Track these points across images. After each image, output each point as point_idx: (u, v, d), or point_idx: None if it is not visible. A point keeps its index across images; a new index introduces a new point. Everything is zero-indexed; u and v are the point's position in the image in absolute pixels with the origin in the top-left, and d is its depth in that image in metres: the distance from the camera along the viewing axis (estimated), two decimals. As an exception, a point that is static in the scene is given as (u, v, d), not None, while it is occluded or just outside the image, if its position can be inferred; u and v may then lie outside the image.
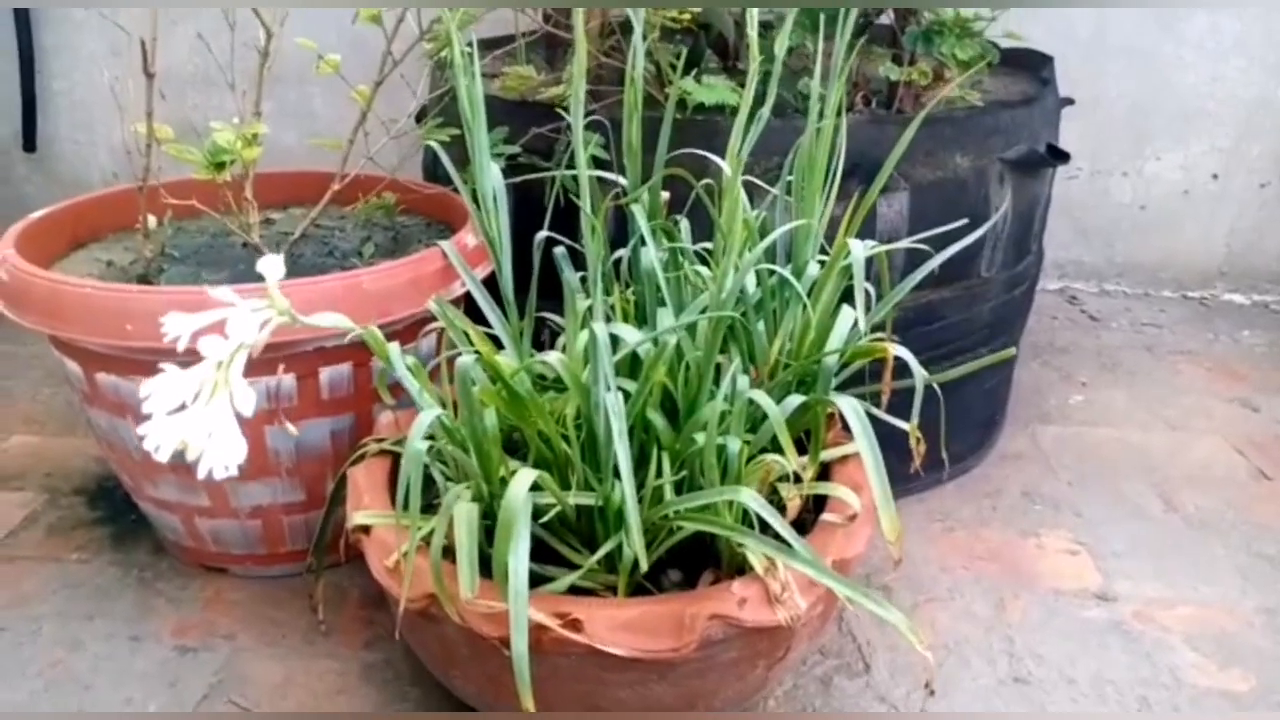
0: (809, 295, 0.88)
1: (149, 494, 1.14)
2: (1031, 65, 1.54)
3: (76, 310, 0.97)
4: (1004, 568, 1.25)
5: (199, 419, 0.51)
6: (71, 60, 2.05)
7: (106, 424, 1.10)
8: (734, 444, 0.81)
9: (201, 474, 0.52)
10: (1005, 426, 1.56)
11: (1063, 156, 1.32)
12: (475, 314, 0.99)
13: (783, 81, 1.37)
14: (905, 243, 1.01)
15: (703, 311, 0.86)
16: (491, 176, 0.92)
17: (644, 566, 0.76)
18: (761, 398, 0.78)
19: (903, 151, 1.21)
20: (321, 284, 1.01)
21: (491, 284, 0.99)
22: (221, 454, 0.51)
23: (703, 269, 0.87)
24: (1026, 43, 1.49)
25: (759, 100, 0.88)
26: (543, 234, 0.94)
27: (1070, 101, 1.50)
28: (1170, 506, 1.38)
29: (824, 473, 0.95)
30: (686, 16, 1.09)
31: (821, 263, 0.96)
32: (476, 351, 0.94)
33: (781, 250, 1.03)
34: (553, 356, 0.79)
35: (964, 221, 1.06)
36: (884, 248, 0.97)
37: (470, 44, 0.89)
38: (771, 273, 0.88)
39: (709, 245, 1.01)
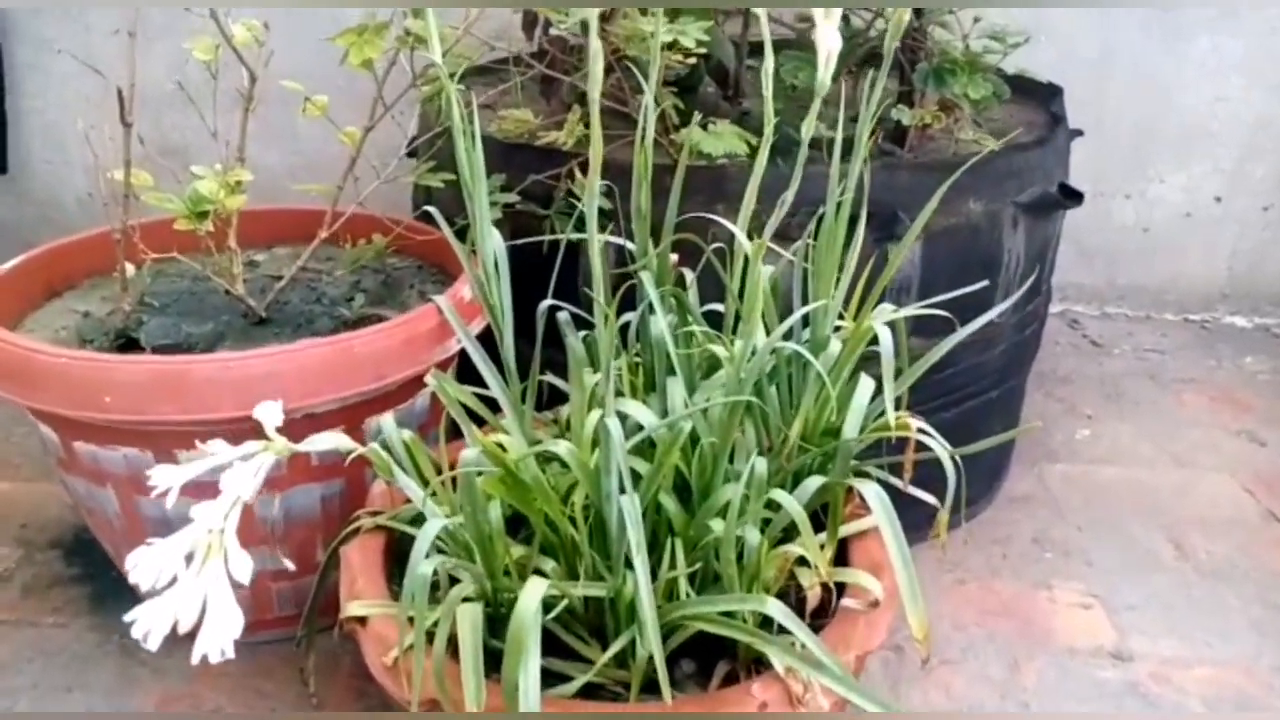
0: (829, 372, 0.84)
1: (130, 560, 1.09)
2: (1037, 92, 1.50)
3: (53, 381, 0.92)
4: (1017, 624, 1.21)
5: (191, 591, 0.46)
6: (44, 79, 1.98)
7: (85, 491, 1.04)
8: (753, 535, 0.77)
9: (195, 658, 0.47)
10: (1012, 464, 1.52)
11: (1076, 197, 1.28)
12: (472, 369, 0.94)
13: (789, 118, 1.33)
14: (915, 309, 0.96)
15: (720, 388, 0.81)
16: (493, 242, 0.87)
17: (660, 669, 0.72)
18: (783, 497, 0.74)
19: (914, 200, 1.18)
20: (313, 349, 0.95)
21: (487, 336, 0.95)
22: (219, 632, 0.46)
23: (717, 348, 0.83)
24: (1032, 65, 1.45)
25: (772, 151, 0.83)
26: (546, 303, 0.89)
27: (1079, 133, 1.46)
28: (1181, 553, 1.35)
29: (842, 547, 0.91)
30: (692, 60, 1.04)
31: (838, 327, 0.92)
32: (476, 421, 0.89)
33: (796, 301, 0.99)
34: (562, 447, 0.75)
35: (983, 283, 1.01)
36: (903, 313, 0.93)
37: (469, 102, 0.84)
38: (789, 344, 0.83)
39: (719, 306, 0.97)
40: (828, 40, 0.64)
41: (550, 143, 1.11)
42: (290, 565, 0.93)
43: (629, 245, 0.90)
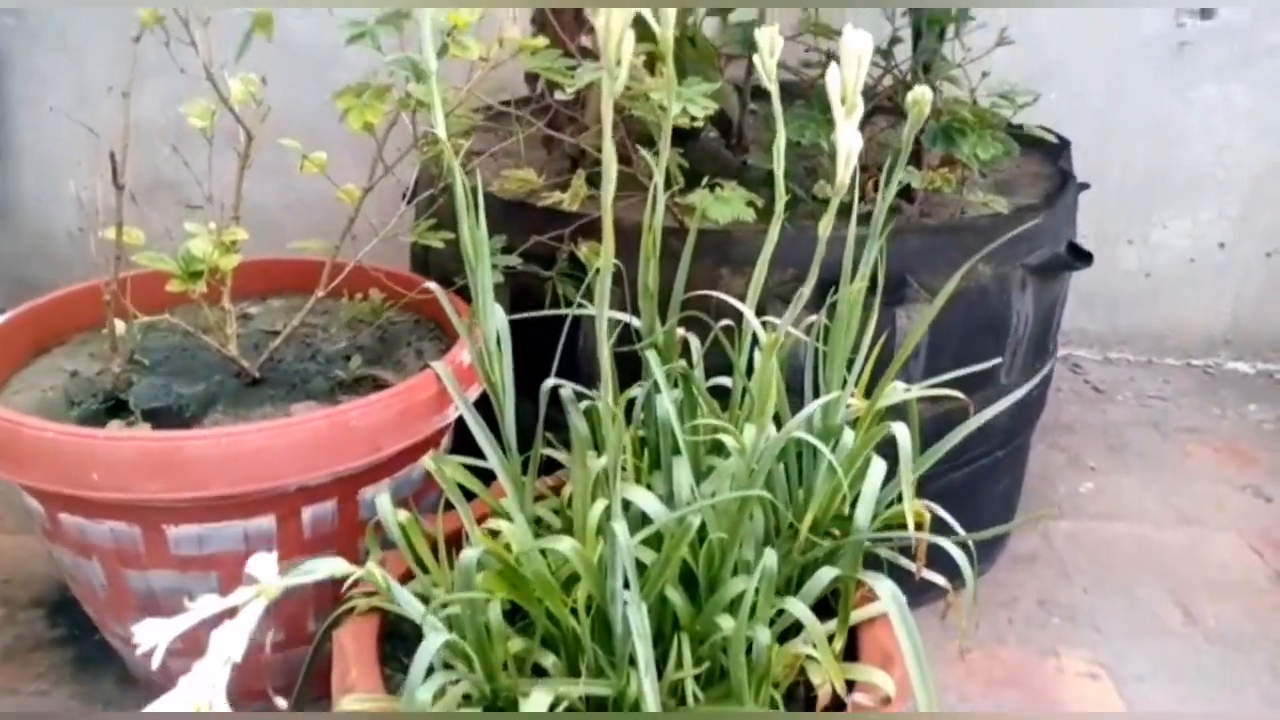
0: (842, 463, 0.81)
1: (116, 631, 1.06)
2: (1042, 141, 1.48)
3: (38, 456, 0.89)
4: (1024, 695, 1.19)
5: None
6: (36, 113, 1.95)
7: (70, 561, 1.01)
8: (763, 635, 0.74)
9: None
10: (1015, 516, 1.50)
11: (1085, 257, 1.27)
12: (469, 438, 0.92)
13: (795, 178, 1.31)
14: (928, 389, 0.94)
15: (729, 477, 0.79)
16: (496, 319, 0.85)
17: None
18: (794, 604, 0.72)
19: (922, 263, 1.16)
20: (307, 423, 0.93)
21: (486, 399, 0.92)
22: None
23: (727, 438, 0.80)
24: (1039, 109, 1.43)
25: (781, 204, 0.81)
26: (550, 382, 0.86)
27: (1086, 186, 1.44)
28: (1189, 618, 1.32)
29: (852, 632, 0.89)
30: (700, 122, 1.01)
31: (852, 401, 0.90)
32: (477, 510, 0.86)
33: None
34: (565, 544, 0.72)
35: (994, 362, 0.99)
36: (916, 392, 0.91)
37: (471, 168, 0.82)
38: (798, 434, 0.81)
39: (726, 382, 0.94)
40: (847, 139, 0.62)
41: (553, 204, 1.09)
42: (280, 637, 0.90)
43: (635, 322, 0.88)
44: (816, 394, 0.92)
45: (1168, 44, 1.81)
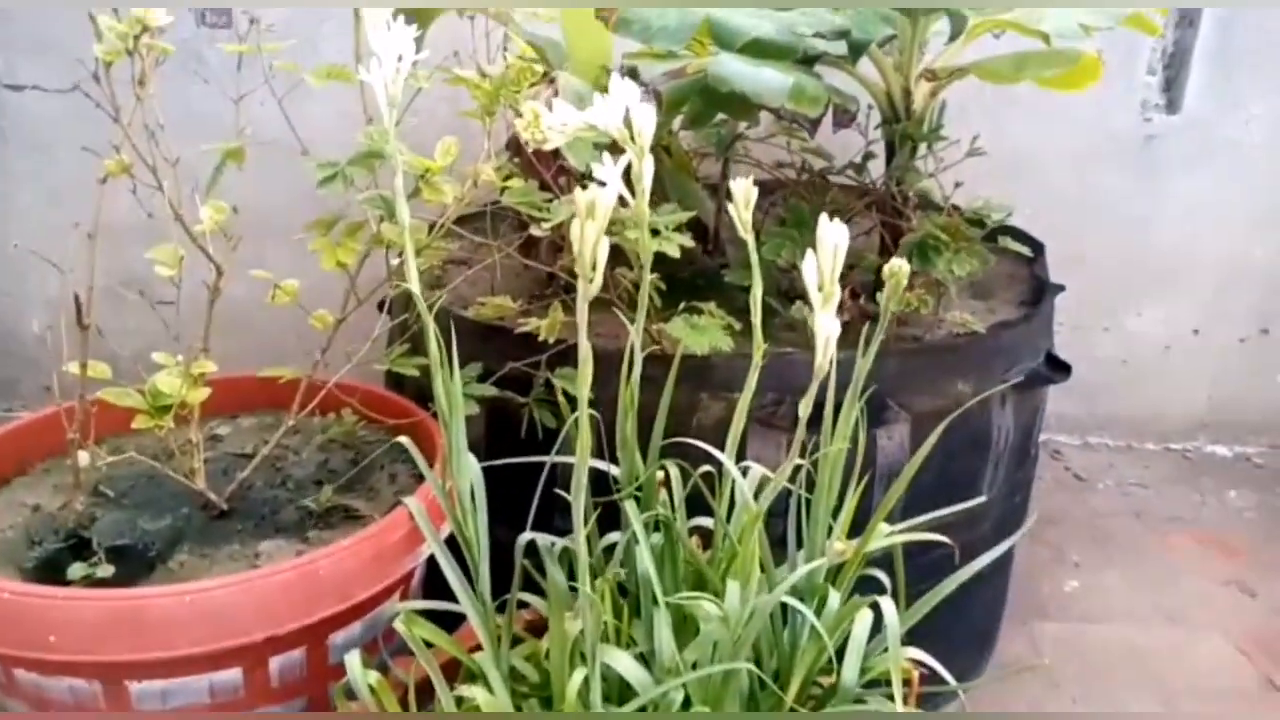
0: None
1: (74, 783, 1.01)
2: (1014, 236, 1.48)
3: (-9, 618, 0.85)
4: (1017, 822, 1.16)
5: None
6: (5, 209, 1.93)
7: (25, 710, 0.97)
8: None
9: None
10: (1003, 624, 1.48)
11: (1064, 369, 1.26)
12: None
13: (772, 287, 1.31)
14: (915, 533, 0.92)
15: (712, 644, 0.77)
16: (471, 470, 0.83)
17: None
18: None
19: (902, 385, 1.15)
20: (276, 576, 0.90)
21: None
22: None
23: (709, 605, 0.78)
24: (1013, 204, 1.44)
25: (759, 354, 0.80)
26: (526, 536, 0.84)
27: (1061, 289, 1.45)
28: (1181, 729, 1.30)
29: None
30: (676, 252, 1.01)
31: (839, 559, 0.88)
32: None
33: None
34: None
35: (978, 500, 0.98)
36: (903, 538, 0.89)
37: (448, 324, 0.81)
38: (786, 601, 0.79)
39: (707, 523, 0.92)
40: (826, 326, 0.61)
41: (529, 330, 1.07)
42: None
43: (613, 471, 0.86)
44: (799, 534, 0.90)
45: (1135, 138, 1.84)
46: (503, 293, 1.23)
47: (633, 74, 1.15)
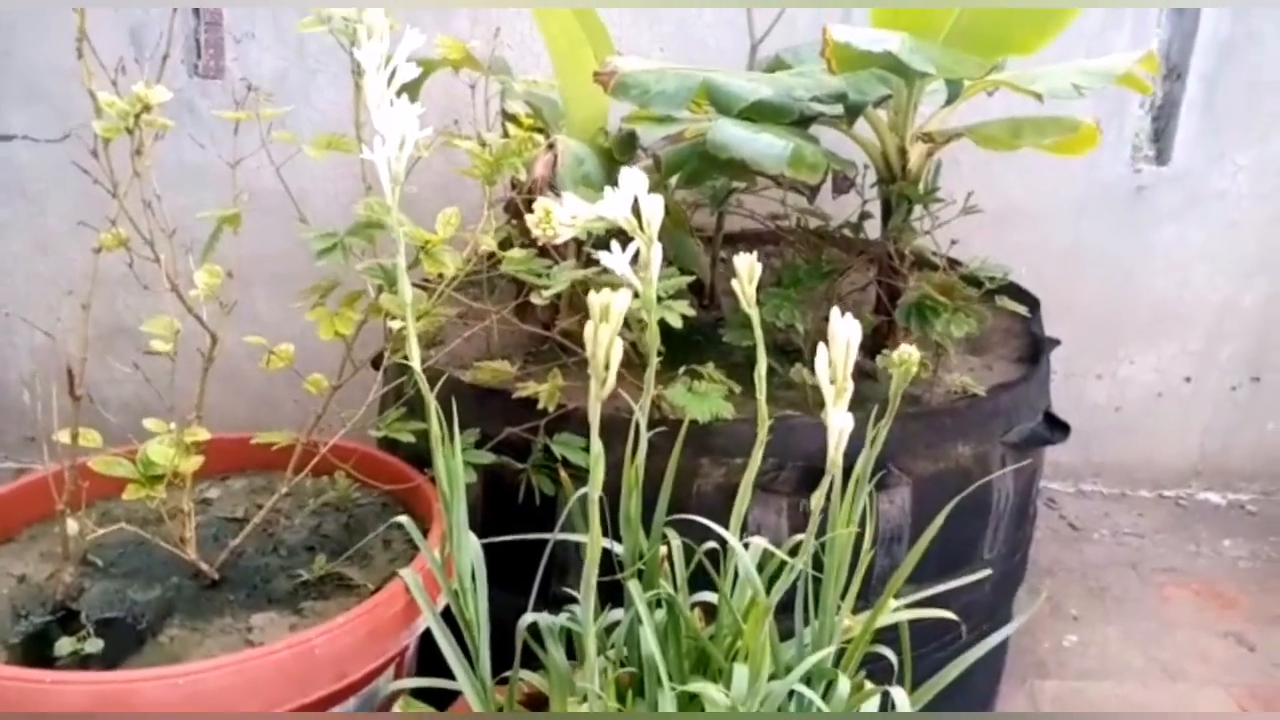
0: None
1: None
2: (1010, 292, 1.48)
3: (-24, 703, 0.83)
4: None
5: None
6: (-6, 259, 1.91)
7: (8, 798, 0.94)
8: None
9: None
10: (1002, 681, 1.46)
11: (1063, 428, 1.26)
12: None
13: (770, 347, 1.30)
14: (919, 609, 0.91)
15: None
16: (471, 548, 0.81)
17: None
18: None
19: (902, 449, 1.15)
20: (270, 656, 0.88)
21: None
22: None
23: (716, 694, 0.76)
24: (1004, 251, 1.45)
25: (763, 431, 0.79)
26: (528, 618, 0.83)
27: (1057, 343, 1.45)
28: (1184, 792, 1.29)
29: None
30: (678, 321, 1.00)
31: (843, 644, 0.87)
32: None
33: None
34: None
35: (983, 574, 0.97)
36: (907, 614, 0.88)
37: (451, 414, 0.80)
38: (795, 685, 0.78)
39: (710, 599, 0.91)
40: (838, 421, 0.61)
41: (532, 394, 1.06)
42: None
43: (616, 549, 0.85)
44: (807, 613, 0.89)
45: (1125, 188, 1.85)
46: (497, 348, 1.22)
47: (631, 137, 1.15)
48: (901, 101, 1.25)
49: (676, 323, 0.95)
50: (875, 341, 1.28)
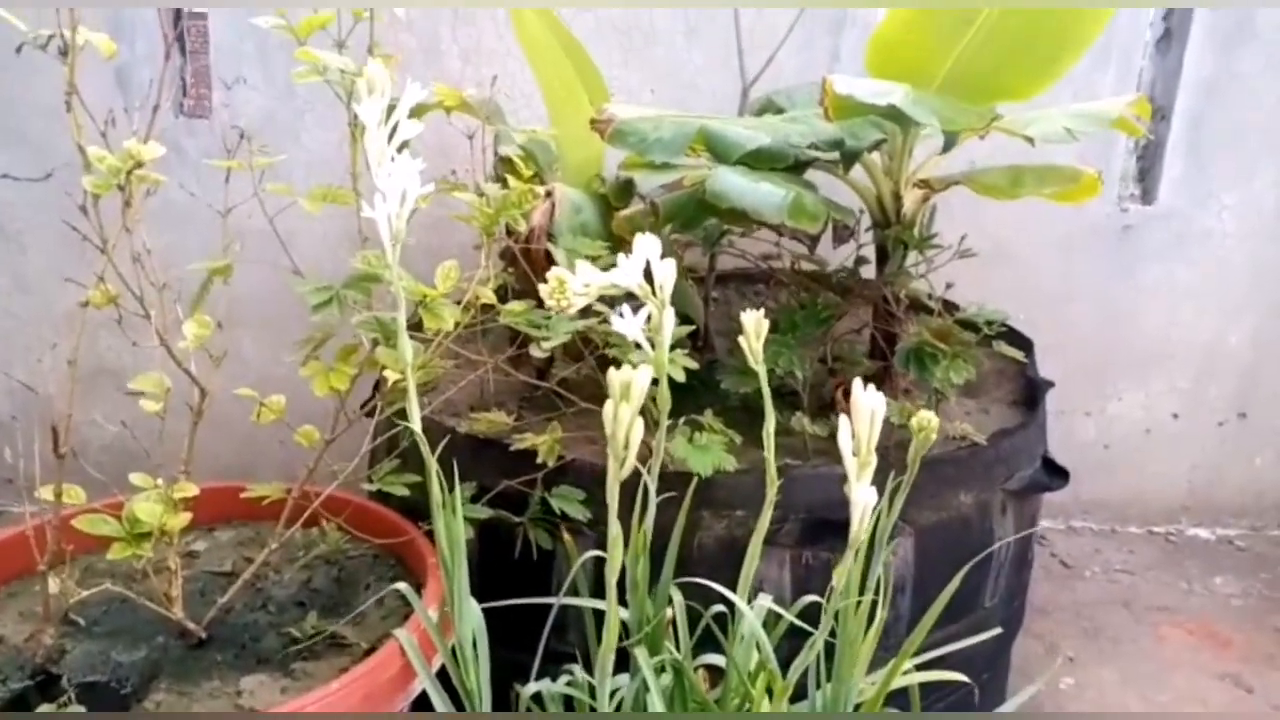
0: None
1: None
2: (1004, 334, 1.48)
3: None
4: None
5: None
6: (-30, 299, 1.87)
7: None
8: None
9: None
10: (1001, 728, 1.45)
11: (1063, 475, 1.25)
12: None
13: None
14: (923, 673, 0.90)
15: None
16: (472, 615, 0.79)
17: None
18: None
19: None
20: (261, 726, 0.85)
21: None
22: None
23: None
24: (994, 290, 1.44)
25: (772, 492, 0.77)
26: (532, 687, 0.80)
27: (1051, 385, 1.45)
28: (1188, 842, 1.27)
29: None
30: (681, 375, 0.98)
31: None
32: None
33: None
34: None
35: (995, 632, 0.95)
36: (920, 677, 0.86)
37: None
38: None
39: (718, 659, 0.89)
40: (863, 496, 0.59)
41: (532, 445, 1.04)
42: None
43: (623, 615, 0.82)
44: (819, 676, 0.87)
45: (1112, 228, 1.86)
46: (491, 396, 1.20)
47: (629, 185, 1.14)
48: (896, 147, 1.25)
49: (680, 376, 0.93)
50: (875, 388, 1.27)
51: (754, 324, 0.76)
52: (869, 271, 1.33)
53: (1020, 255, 1.84)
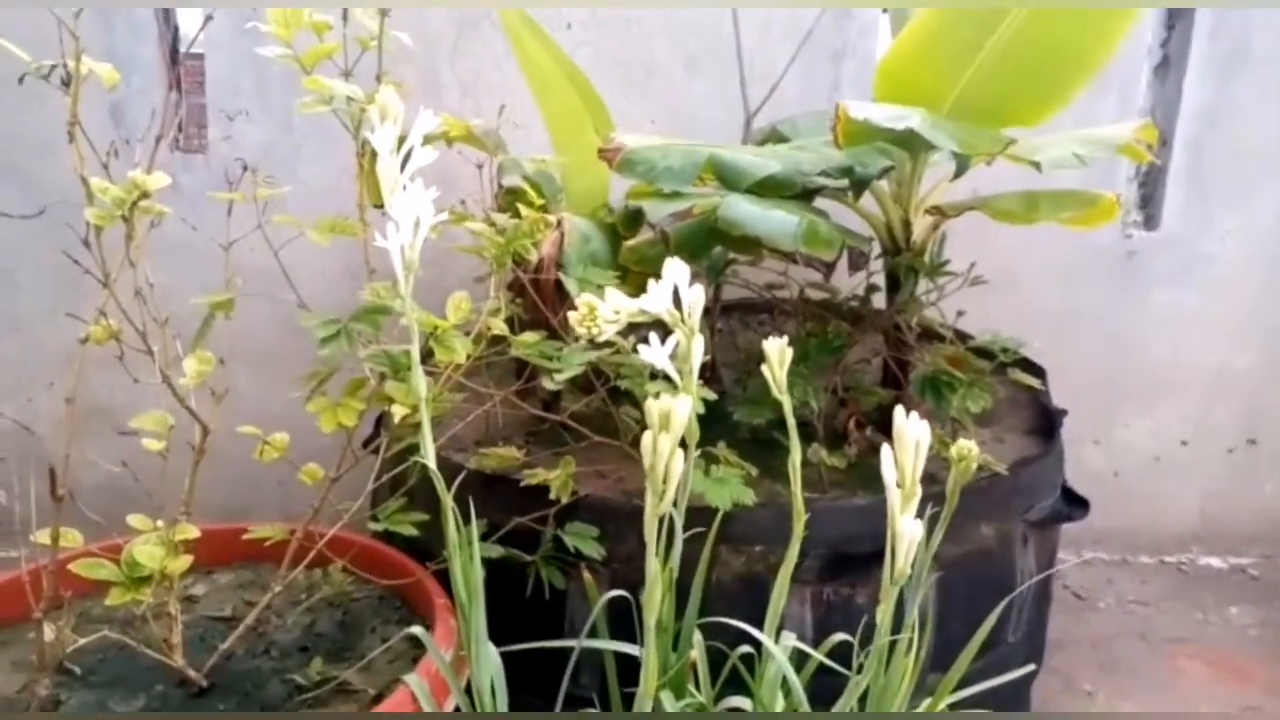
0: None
1: None
2: (1018, 363, 1.46)
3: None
4: None
5: None
6: (-37, 338, 1.84)
7: None
8: None
9: None
10: (1022, 767, 1.41)
11: (1082, 504, 1.23)
12: None
13: (779, 428, 1.26)
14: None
15: None
16: (490, 660, 0.76)
17: None
18: None
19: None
20: (268, 779, 0.81)
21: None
22: None
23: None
24: (998, 317, 1.42)
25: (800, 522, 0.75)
26: (552, 733, 0.77)
27: (1064, 413, 1.43)
28: None
29: None
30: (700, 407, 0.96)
31: None
32: None
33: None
34: None
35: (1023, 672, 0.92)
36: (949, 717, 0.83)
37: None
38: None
39: (740, 703, 0.86)
40: (908, 529, 0.57)
41: (543, 481, 1.01)
42: None
43: (636, 651, 0.79)
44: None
45: (1117, 254, 1.86)
46: (498, 428, 1.17)
47: (639, 214, 1.13)
48: (905, 174, 1.23)
49: (700, 409, 0.91)
50: (885, 418, 1.24)
51: (778, 352, 0.73)
52: (878, 300, 1.31)
53: (1025, 282, 1.83)
